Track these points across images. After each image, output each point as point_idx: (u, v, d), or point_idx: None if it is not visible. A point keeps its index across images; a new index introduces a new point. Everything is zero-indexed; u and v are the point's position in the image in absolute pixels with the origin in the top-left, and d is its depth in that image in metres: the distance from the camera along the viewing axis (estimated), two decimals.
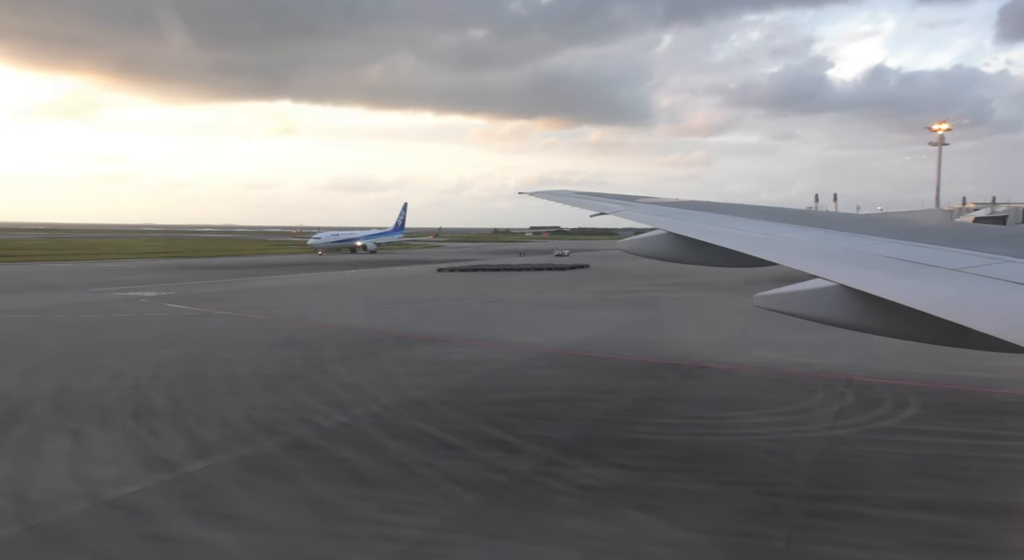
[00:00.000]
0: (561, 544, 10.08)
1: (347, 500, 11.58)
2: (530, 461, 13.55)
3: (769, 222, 14.07)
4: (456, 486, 12.24)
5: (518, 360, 23.50)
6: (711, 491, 12.14)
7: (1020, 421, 17.10)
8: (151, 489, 11.95)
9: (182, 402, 17.59)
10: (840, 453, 14.41)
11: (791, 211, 16.69)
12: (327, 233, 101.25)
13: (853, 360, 22.47)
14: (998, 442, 15.00)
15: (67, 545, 9.93)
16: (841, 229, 12.11)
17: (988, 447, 14.60)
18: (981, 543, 10.29)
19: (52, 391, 18.59)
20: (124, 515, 10.91)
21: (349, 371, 21.21)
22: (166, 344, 25.91)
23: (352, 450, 14.05)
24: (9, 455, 13.67)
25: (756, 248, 11.10)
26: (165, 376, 20.40)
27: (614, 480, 12.59)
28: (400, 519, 10.88)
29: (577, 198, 18.50)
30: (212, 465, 13.16)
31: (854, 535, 10.50)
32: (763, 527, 10.75)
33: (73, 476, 12.52)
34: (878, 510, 11.42)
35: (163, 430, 15.26)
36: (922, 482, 12.73)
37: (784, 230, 12.49)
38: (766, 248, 11.14)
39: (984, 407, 17.83)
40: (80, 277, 57.11)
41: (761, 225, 13.66)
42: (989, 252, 8.43)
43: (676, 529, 10.60)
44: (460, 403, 17.76)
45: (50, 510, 11.03)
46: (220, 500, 11.59)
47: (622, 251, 17.13)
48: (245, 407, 17.11)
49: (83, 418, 16.12)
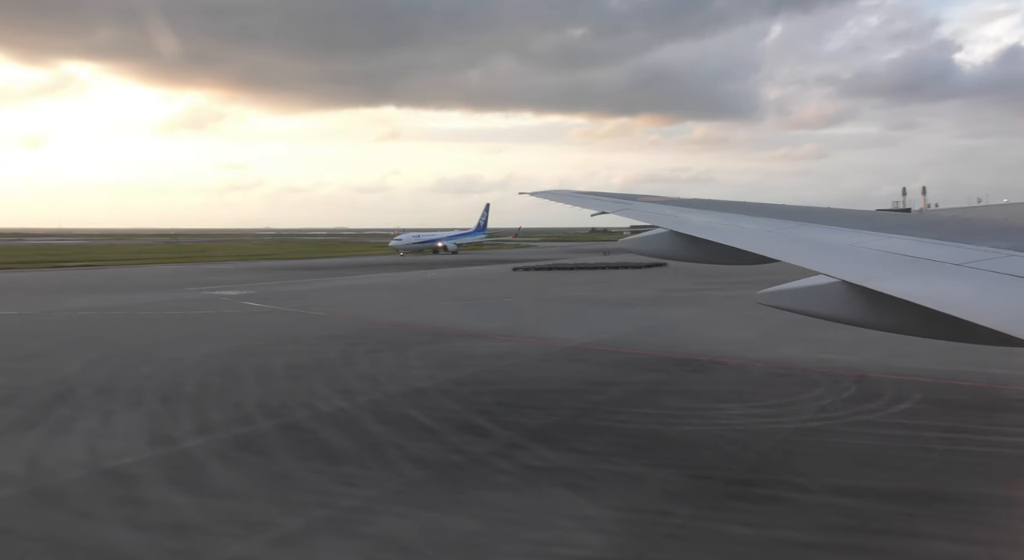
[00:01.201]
0: (474, 515, 10.96)
1: (307, 473, 12.82)
2: (494, 444, 14.45)
3: (770, 219, 14.34)
4: (411, 464, 13.30)
5: (539, 354, 24.34)
6: (645, 474, 12.73)
7: (1015, 417, 16.74)
8: (145, 461, 13.54)
9: (210, 389, 19.36)
10: (800, 443, 14.66)
11: (793, 208, 16.66)
12: (408, 234, 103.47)
13: (880, 357, 22.16)
14: (977, 436, 14.86)
15: (52, 503, 11.51)
16: (843, 225, 12.21)
17: (962, 441, 14.51)
18: (884, 526, 10.55)
19: (104, 378, 20.75)
20: (111, 481, 12.48)
21: (372, 363, 22.61)
22: (222, 338, 28.11)
23: (336, 432, 15.32)
24: (45, 429, 15.61)
25: (756, 245, 11.25)
26: (207, 366, 22.34)
27: (560, 462, 13.35)
28: (345, 490, 12.02)
29: (578, 198, 19.08)
30: (207, 442, 14.67)
31: (759, 515, 10.95)
32: (673, 506, 11.31)
33: (86, 448, 14.27)
34: (800, 494, 11.79)
35: (181, 412, 16.97)
36: (864, 471, 12.91)
37: (786, 227, 12.58)
38: (767, 244, 11.30)
39: (987, 403, 17.55)
40: (183, 278, 61.24)
41: (762, 222, 13.96)
42: (992, 247, 8.48)
43: (590, 506, 11.30)
44: (460, 393, 18.81)
45: (53, 475, 12.74)
46: (198, 471, 13.04)
47: (624, 250, 17.69)
48: (262, 394, 18.68)
49: (119, 401, 18.05)
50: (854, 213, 16.21)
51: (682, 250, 15.70)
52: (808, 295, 9.20)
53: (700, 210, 16.93)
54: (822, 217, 14.16)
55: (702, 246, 14.07)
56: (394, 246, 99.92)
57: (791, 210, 16.40)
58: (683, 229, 15.04)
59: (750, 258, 11.81)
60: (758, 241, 11.74)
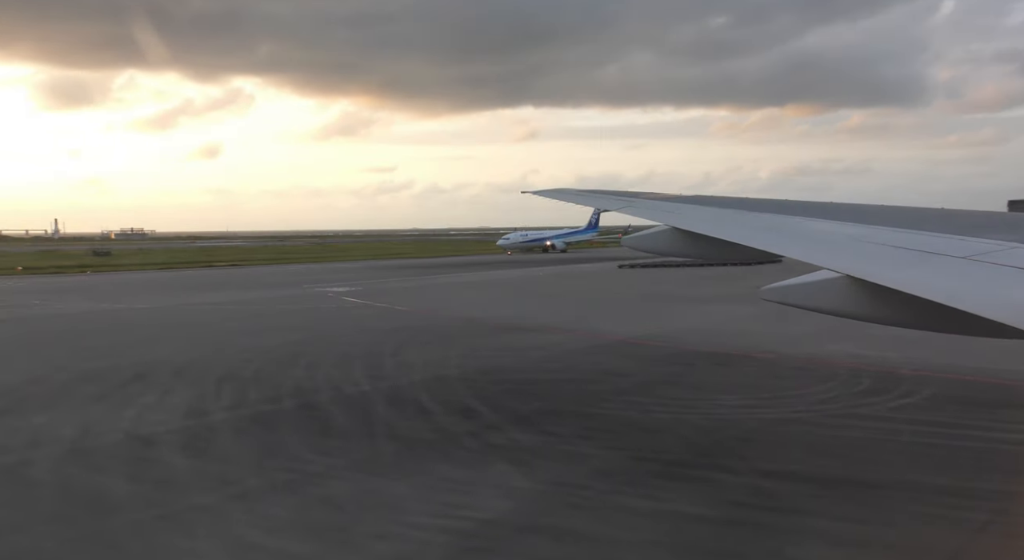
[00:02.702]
0: (411, 482, 12.28)
1: (295, 444, 14.55)
2: (474, 426, 15.69)
3: (773, 215, 14.59)
4: (388, 440, 14.82)
5: (578, 347, 25.31)
6: (592, 454, 13.66)
7: (1016, 413, 16.26)
8: (173, 430, 15.72)
9: (263, 372, 21.64)
10: (768, 432, 15.10)
11: (796, 203, 16.75)
12: (516, 233, 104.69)
13: (925, 355, 21.58)
14: (961, 431, 14.74)
15: (79, 460, 13.80)
16: (846, 219, 12.14)
17: (938, 435, 14.52)
18: (778, 504, 11.18)
19: (183, 361, 23.50)
20: (135, 445, 14.69)
21: (418, 354, 24.30)
22: (302, 329, 30.79)
23: (344, 411, 17.05)
24: (111, 403, 18.18)
25: (759, 240, 11.40)
26: (273, 353, 24.77)
27: (522, 442, 14.46)
28: (316, 459, 13.66)
29: (580, 196, 19.66)
30: (231, 417, 16.76)
31: (670, 491, 11.74)
32: (595, 482, 12.22)
33: (133, 419, 16.64)
34: (725, 475, 12.45)
35: (227, 391, 19.24)
36: (806, 458, 13.35)
37: (788, 222, 12.76)
38: (769, 240, 11.38)
39: (998, 401, 17.14)
40: (308, 276, 65.62)
41: (765, 218, 14.08)
42: (997, 239, 8.46)
43: (521, 479, 12.38)
44: (477, 381, 20.15)
45: (94, 439, 15.10)
46: (208, 439, 15.07)
47: (627, 248, 18.37)
48: (303, 378, 20.75)
49: (182, 381, 20.59)
50: (857, 207, 16.15)
51: (684, 247, 15.97)
52: (811, 290, 9.45)
53: (702, 206, 17.09)
54: (825, 212, 14.09)
55: (705, 243, 14.22)
56: (502, 245, 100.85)
57: (794, 205, 16.44)
58: (685, 226, 15.25)
59: (753, 254, 11.77)
60: (761, 237, 11.85)
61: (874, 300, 8.13)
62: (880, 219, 11.99)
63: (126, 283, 61.16)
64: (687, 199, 18.74)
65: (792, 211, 15.03)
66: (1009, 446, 13.90)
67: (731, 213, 15.46)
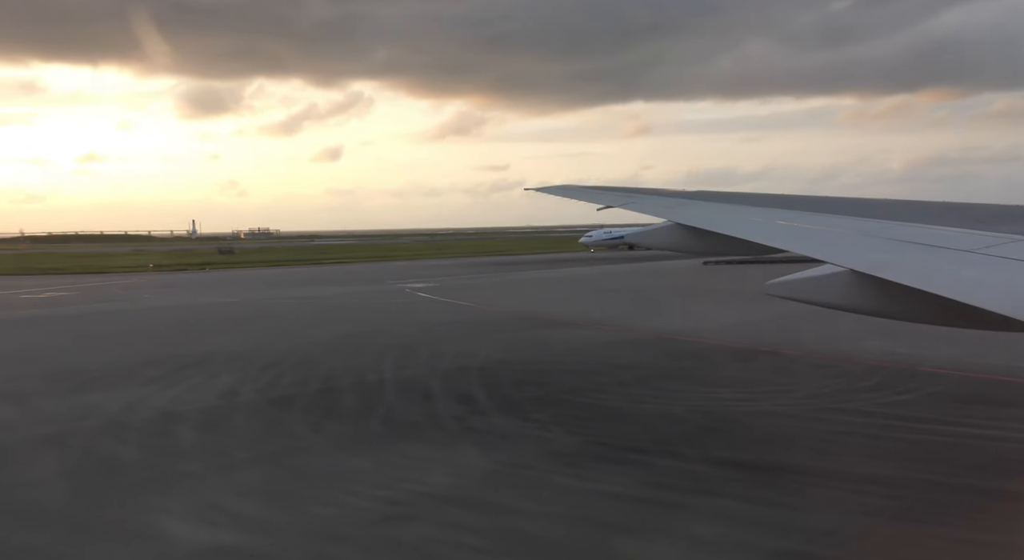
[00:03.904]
0: (377, 459, 13.52)
1: (296, 423, 16.08)
2: (463, 411, 16.80)
3: (777, 209, 14.83)
4: (379, 422, 16.12)
5: (607, 341, 25.97)
6: (553, 439, 14.52)
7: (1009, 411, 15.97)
8: (201, 409, 17.56)
9: (306, 359, 23.43)
10: (737, 423, 15.55)
11: (799, 198, 16.87)
12: (600, 231, 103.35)
13: (959, 353, 21.17)
14: (936, 426, 14.79)
15: (112, 432, 15.72)
16: (850, 213, 12.29)
17: (911, 429, 14.65)
18: (696, 485, 11.78)
19: (242, 349, 25.60)
20: (162, 421, 16.54)
21: (455, 345, 25.58)
22: (362, 321, 32.79)
23: (356, 396, 18.48)
24: (162, 384, 20.25)
25: (763, 235, 11.43)
26: (323, 344, 26.63)
27: (498, 426, 15.48)
28: (307, 436, 15.15)
29: (583, 192, 20.05)
30: (255, 399, 18.48)
31: (604, 473, 12.47)
32: (540, 462, 13.09)
33: (171, 398, 18.57)
34: (665, 460, 13.12)
35: (265, 376, 21.05)
36: (757, 447, 13.85)
37: (792, 217, 12.69)
38: (773, 235, 11.54)
39: (1003, 399, 16.88)
40: (397, 272, 68.23)
41: (769, 212, 14.11)
42: (1001, 232, 8.48)
43: (477, 458, 13.43)
44: (492, 370, 21.26)
45: (132, 415, 17.04)
46: (225, 418, 16.75)
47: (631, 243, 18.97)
48: (338, 366, 22.39)
49: (231, 366, 22.57)
50: (860, 201, 16.23)
51: (688, 243, 16.33)
52: (816, 285, 9.48)
53: (706, 202, 17.22)
54: (828, 206, 14.14)
55: (708, 238, 14.50)
56: (584, 243, 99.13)
57: (798, 200, 16.57)
58: (689, 221, 15.59)
59: (757, 249, 11.76)
60: (765, 231, 11.91)
61: (879, 294, 8.22)
62: (884, 213, 12.00)
63: (232, 279, 65.59)
64: (689, 194, 18.93)
65: (796, 206, 15.12)
66: (972, 440, 13.85)
67: (734, 208, 15.52)
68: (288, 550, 9.79)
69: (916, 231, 9.59)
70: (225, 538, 10.26)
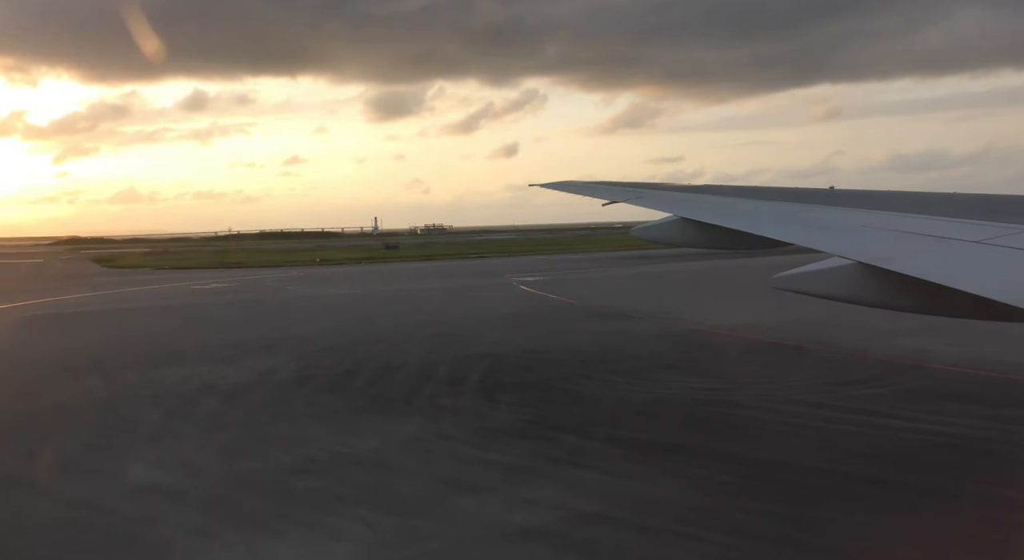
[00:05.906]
0: (338, 429, 15.33)
1: (300, 400, 18.36)
2: (445, 391, 18.52)
3: (783, 203, 15.42)
4: (367, 399, 18.17)
5: (639, 333, 26.85)
6: (497, 416, 16.05)
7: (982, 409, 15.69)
8: (236, 383, 20.38)
9: (357, 346, 25.94)
10: (677, 410, 16.50)
11: (805, 191, 16.83)
12: None
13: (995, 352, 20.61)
14: (888, 420, 14.84)
15: (159, 398, 18.61)
16: (857, 206, 12.66)
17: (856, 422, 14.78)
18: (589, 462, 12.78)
19: (311, 336, 28.45)
20: (198, 392, 19.39)
21: (497, 335, 27.23)
22: (437, 312, 35.27)
23: (368, 378, 20.57)
24: (224, 363, 23.34)
25: (770, 229, 11.77)
26: (385, 331, 29.08)
27: (462, 405, 17.14)
28: (299, 410, 17.41)
29: (588, 188, 20.65)
30: (286, 378, 21.02)
31: (511, 446, 13.76)
32: (467, 436, 14.60)
33: (221, 375, 21.50)
34: (575, 439, 14.21)
35: (312, 359, 23.68)
36: (670, 430, 14.75)
37: (799, 210, 13.22)
38: (780, 228, 11.77)
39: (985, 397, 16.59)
40: (522, 266, 70.18)
41: (776, 206, 14.75)
42: (1010, 223, 8.55)
43: (417, 430, 15.09)
44: (507, 357, 22.85)
45: (182, 386, 20.07)
46: (248, 392, 19.35)
47: (636, 238, 19.84)
48: (379, 351, 24.65)
49: (293, 350, 25.37)
50: (866, 194, 16.23)
51: (694, 237, 17.13)
52: (824, 278, 9.75)
53: (712, 196, 17.63)
54: (836, 199, 14.64)
55: (714, 232, 15.28)
56: None
57: (803, 193, 16.75)
58: (695, 216, 16.37)
59: (764, 243, 12.31)
60: (772, 225, 12.22)
61: (885, 286, 8.39)
62: (889, 205, 12.40)
63: (373, 272, 70.45)
64: (696, 189, 19.33)
65: (802, 199, 15.47)
66: (890, 432, 14.03)
67: (741, 202, 15.99)
68: (198, 490, 12.04)
69: (920, 223, 9.77)
70: (162, 478, 12.67)
